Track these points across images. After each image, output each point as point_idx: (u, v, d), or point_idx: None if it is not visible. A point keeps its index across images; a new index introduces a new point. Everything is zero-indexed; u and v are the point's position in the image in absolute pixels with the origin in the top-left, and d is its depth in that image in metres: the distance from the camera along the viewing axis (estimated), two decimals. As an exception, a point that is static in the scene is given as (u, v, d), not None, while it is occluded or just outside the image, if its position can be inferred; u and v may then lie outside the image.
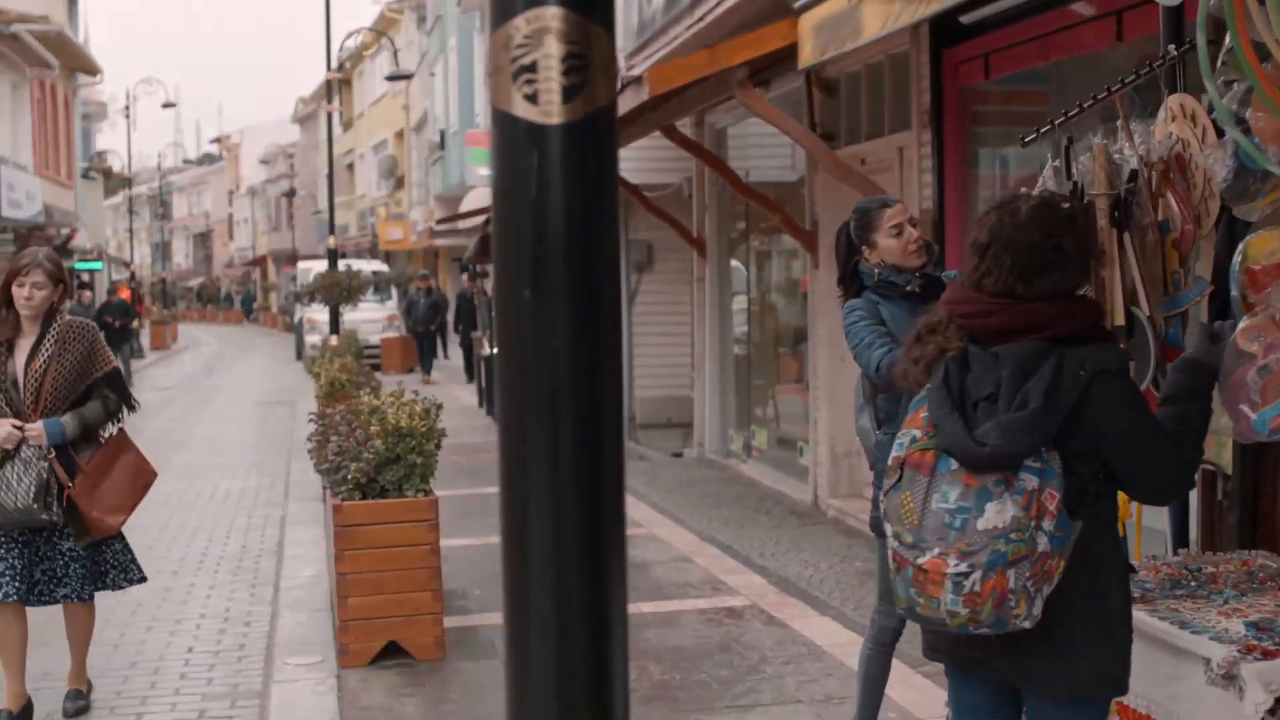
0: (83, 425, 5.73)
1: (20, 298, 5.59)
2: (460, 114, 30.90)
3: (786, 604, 7.54)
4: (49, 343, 5.63)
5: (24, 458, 5.53)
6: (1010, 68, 7.63)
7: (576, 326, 1.90)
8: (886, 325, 4.61)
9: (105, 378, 5.83)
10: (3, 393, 5.62)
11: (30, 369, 5.62)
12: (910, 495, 3.07)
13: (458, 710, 5.85)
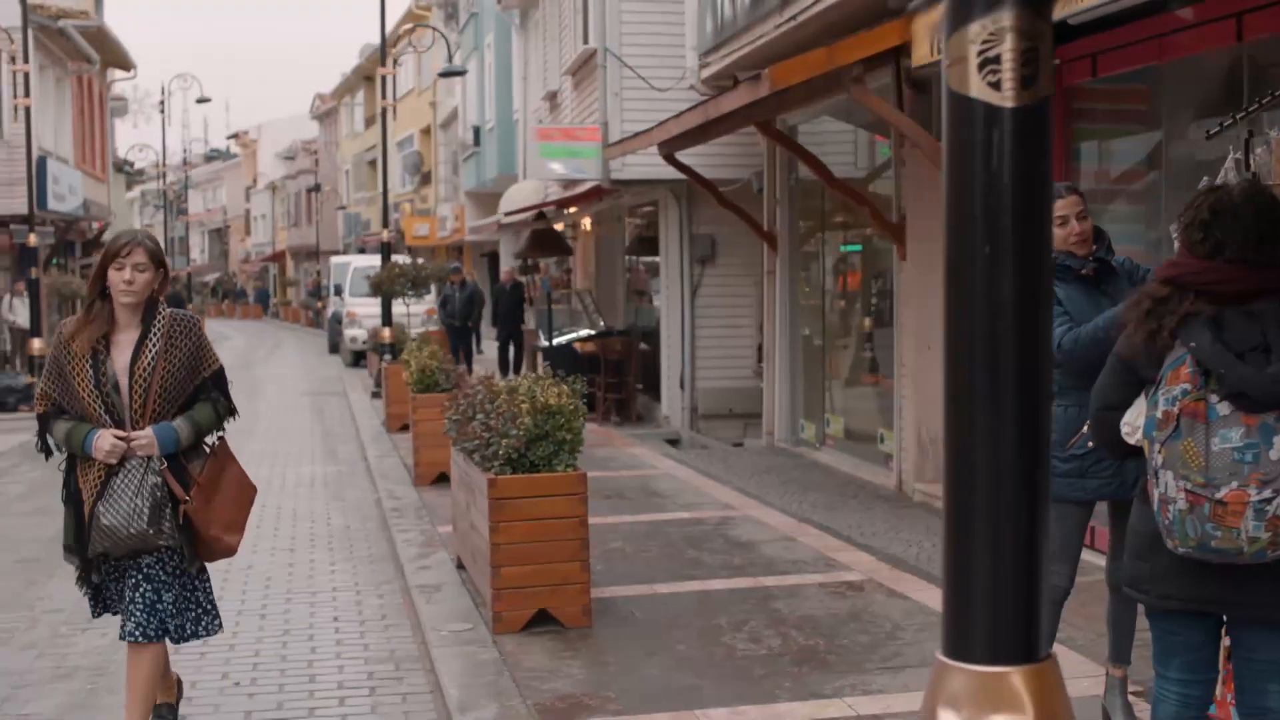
0: (196, 432, 5.06)
1: (119, 282, 4.89)
2: (498, 111, 31.18)
3: (901, 579, 7.87)
4: (155, 337, 4.95)
5: (131, 472, 4.87)
6: (1119, 67, 7.95)
7: (1022, 280, 2.24)
8: (1063, 305, 4.92)
9: (213, 378, 5.15)
10: (103, 398, 4.90)
11: (136, 369, 4.91)
12: (1191, 442, 3.41)
13: (617, 673, 6.17)
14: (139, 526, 4.86)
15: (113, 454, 4.84)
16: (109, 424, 4.89)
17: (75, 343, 4.96)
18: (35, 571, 9.09)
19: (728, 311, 16.30)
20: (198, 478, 5.03)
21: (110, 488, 4.87)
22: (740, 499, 10.82)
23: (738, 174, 14.91)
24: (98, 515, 4.86)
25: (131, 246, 4.93)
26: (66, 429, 4.92)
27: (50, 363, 5.01)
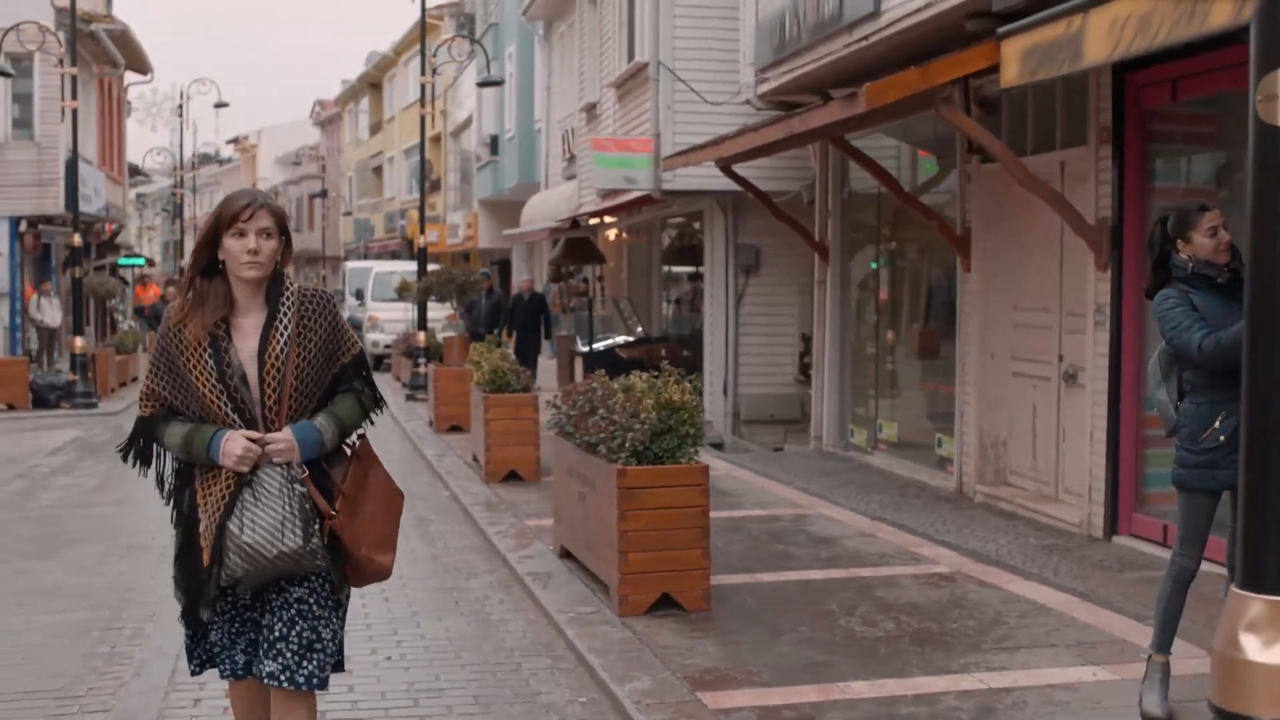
0: (340, 431, 4.17)
1: (241, 253, 3.99)
2: (519, 120, 31.63)
3: (988, 571, 8.33)
4: (285, 318, 4.08)
5: (267, 482, 4.02)
6: (1200, 91, 8.44)
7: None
8: (1200, 311, 5.39)
9: (353, 364, 4.25)
10: (228, 393, 4.03)
11: (267, 357, 4.05)
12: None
13: (751, 651, 6.61)
14: (292, 543, 3.96)
15: (245, 460, 3.98)
16: (237, 424, 4.03)
17: (188, 329, 4.04)
18: (146, 556, 9.49)
19: (771, 320, 16.76)
20: (342, 486, 4.13)
21: (244, 501, 3.99)
22: (806, 498, 11.28)
23: (786, 186, 15.38)
24: (232, 532, 3.96)
25: (254, 209, 4.01)
26: (184, 432, 4.04)
27: (157, 356, 4.13)
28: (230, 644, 4.19)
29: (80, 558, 9.55)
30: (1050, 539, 9.30)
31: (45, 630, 7.47)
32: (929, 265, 12.87)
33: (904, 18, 10.47)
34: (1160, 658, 5.57)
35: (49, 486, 13.21)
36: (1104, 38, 7.29)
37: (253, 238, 3.99)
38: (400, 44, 52.17)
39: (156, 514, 11.02)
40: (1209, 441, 5.35)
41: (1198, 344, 5.27)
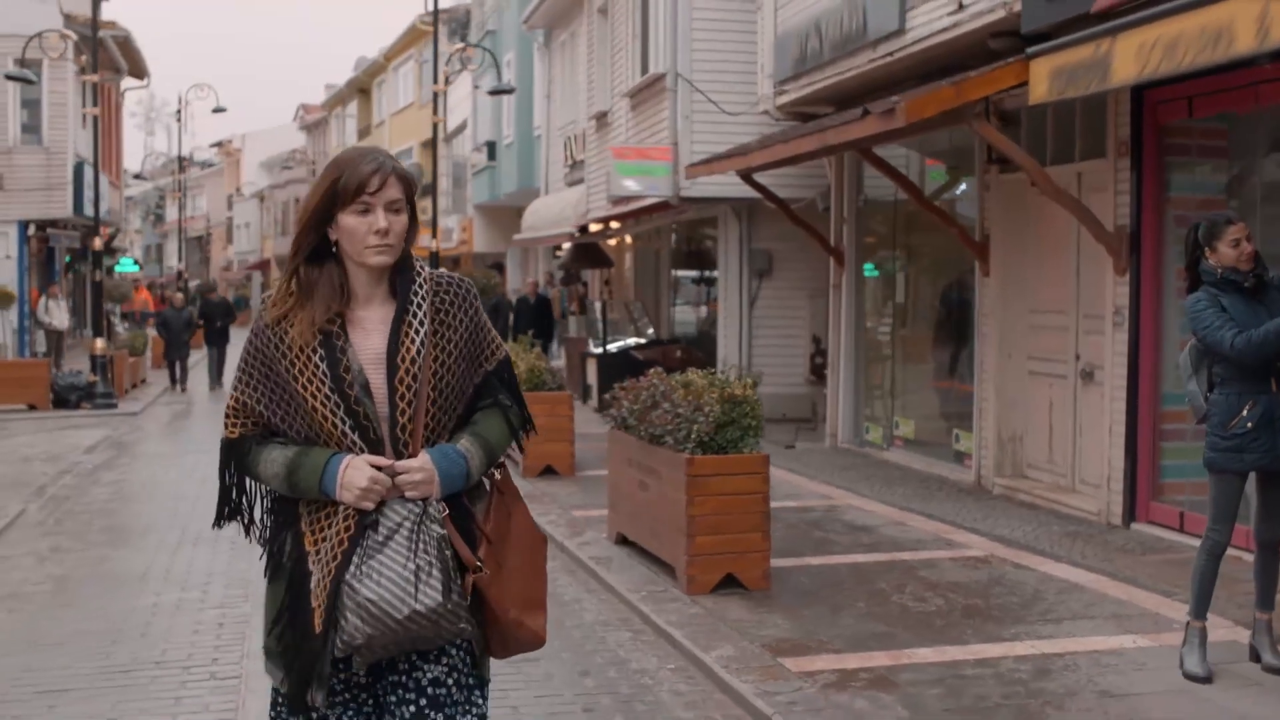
0: (488, 458, 3.24)
1: (367, 233, 3.11)
2: (518, 126, 32.18)
3: (1020, 555, 8.95)
4: (418, 312, 3.18)
5: (397, 523, 3.07)
6: (1215, 109, 9.08)
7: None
8: (1228, 312, 6.01)
9: (498, 372, 3.35)
10: (346, 406, 3.11)
11: (400, 360, 3.13)
12: None
13: (818, 624, 7.20)
14: (429, 600, 3.02)
15: (370, 494, 3.06)
16: (358, 447, 3.11)
17: (293, 327, 3.15)
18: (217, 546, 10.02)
19: (783, 322, 17.37)
20: (486, 529, 3.20)
21: (367, 546, 3.05)
22: (834, 491, 11.88)
23: (800, 193, 15.98)
24: (351, 586, 3.02)
25: (383, 175, 3.09)
26: (287, 458, 3.13)
27: (248, 360, 3.23)
28: None
29: (153, 546, 10.07)
30: (1072, 526, 9.92)
31: (149, 609, 8.02)
32: (943, 269, 13.49)
33: (930, 36, 11.11)
34: (1198, 624, 6.18)
35: (98, 482, 13.72)
36: (1131, 60, 7.93)
37: (381, 214, 3.07)
38: (390, 50, 52.66)
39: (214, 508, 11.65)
40: (1238, 428, 5.97)
41: (1229, 341, 5.90)
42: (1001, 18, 9.94)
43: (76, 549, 10.01)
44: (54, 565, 9.40)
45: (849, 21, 12.55)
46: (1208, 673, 6.04)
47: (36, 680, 6.53)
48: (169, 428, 19.89)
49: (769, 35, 14.93)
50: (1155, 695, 5.88)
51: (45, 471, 14.15)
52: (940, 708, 5.73)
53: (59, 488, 13.14)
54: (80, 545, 10.16)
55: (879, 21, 11.91)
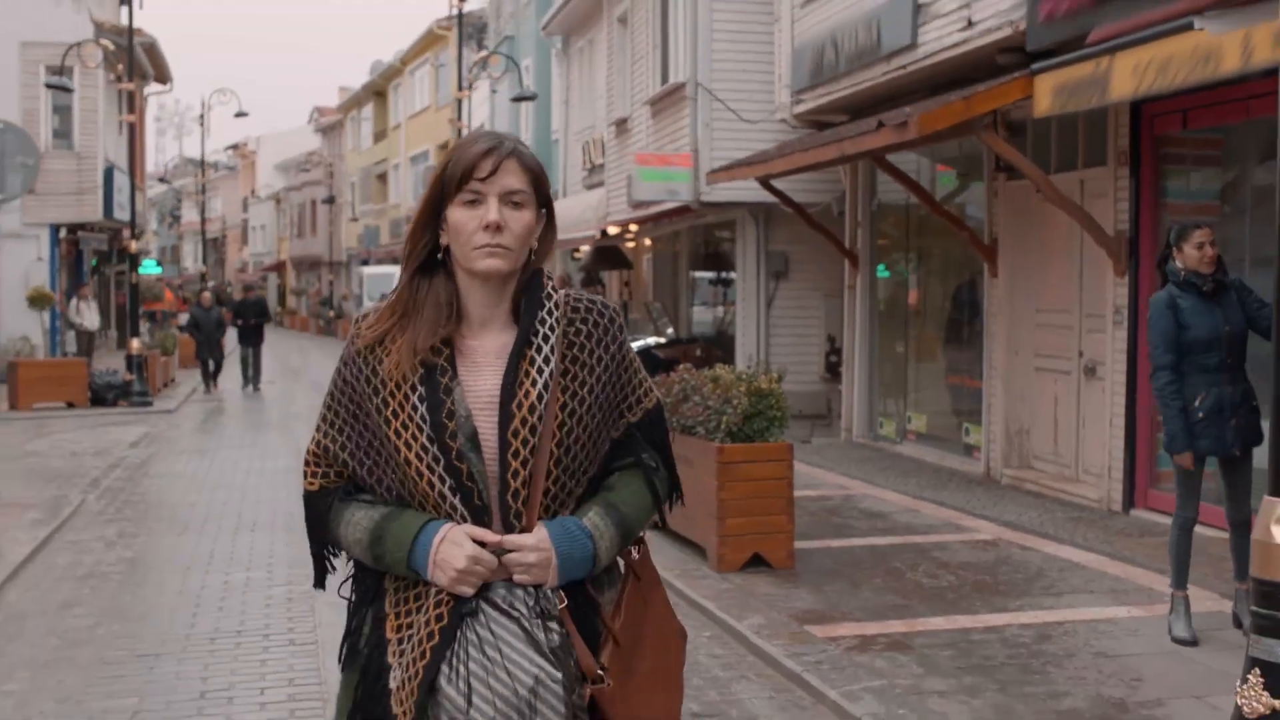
0: (624, 537, 2.57)
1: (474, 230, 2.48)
2: (535, 131, 32.84)
3: (1025, 538, 9.59)
4: (544, 345, 2.52)
5: (505, 615, 2.43)
6: (1208, 121, 9.72)
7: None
8: (1182, 314, 6.63)
9: (646, 425, 2.68)
10: (447, 462, 2.46)
11: (514, 408, 2.47)
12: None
13: (839, 598, 7.86)
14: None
15: (470, 576, 2.44)
16: (459, 514, 2.48)
17: (389, 356, 2.53)
18: (273, 532, 10.69)
19: (798, 322, 18.01)
20: (613, 627, 2.56)
21: (465, 644, 2.43)
22: (850, 481, 12.54)
23: (816, 198, 16.62)
24: (448, 698, 2.40)
25: (497, 157, 2.49)
26: (372, 522, 2.54)
27: (334, 395, 2.65)
28: None
29: (213, 532, 10.73)
30: (1075, 513, 10.56)
31: (221, 586, 8.69)
32: (953, 271, 14.13)
33: (940, 51, 11.77)
34: (1180, 593, 6.84)
35: (148, 475, 14.40)
36: (1128, 78, 8.58)
37: (494, 205, 2.46)
38: (407, 53, 53.31)
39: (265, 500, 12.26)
40: (1190, 416, 6.61)
41: (1156, 371, 6.62)
42: (1008, 35, 10.59)
43: (141, 535, 10.68)
44: (123, 549, 10.07)
45: (864, 35, 13.20)
46: (1193, 636, 6.69)
47: (132, 645, 7.21)
48: (205, 425, 20.56)
49: (786, 47, 15.58)
50: (1145, 656, 6.52)
51: (96, 465, 14.81)
52: (951, 665, 6.38)
53: (112, 480, 13.81)
54: (143, 532, 10.83)
55: (892, 36, 12.56)
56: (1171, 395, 6.60)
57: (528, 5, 33.39)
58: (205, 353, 26.47)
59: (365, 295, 38.12)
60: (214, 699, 6.25)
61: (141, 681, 6.54)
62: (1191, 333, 6.58)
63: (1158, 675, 6.22)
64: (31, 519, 10.86)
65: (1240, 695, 4.03)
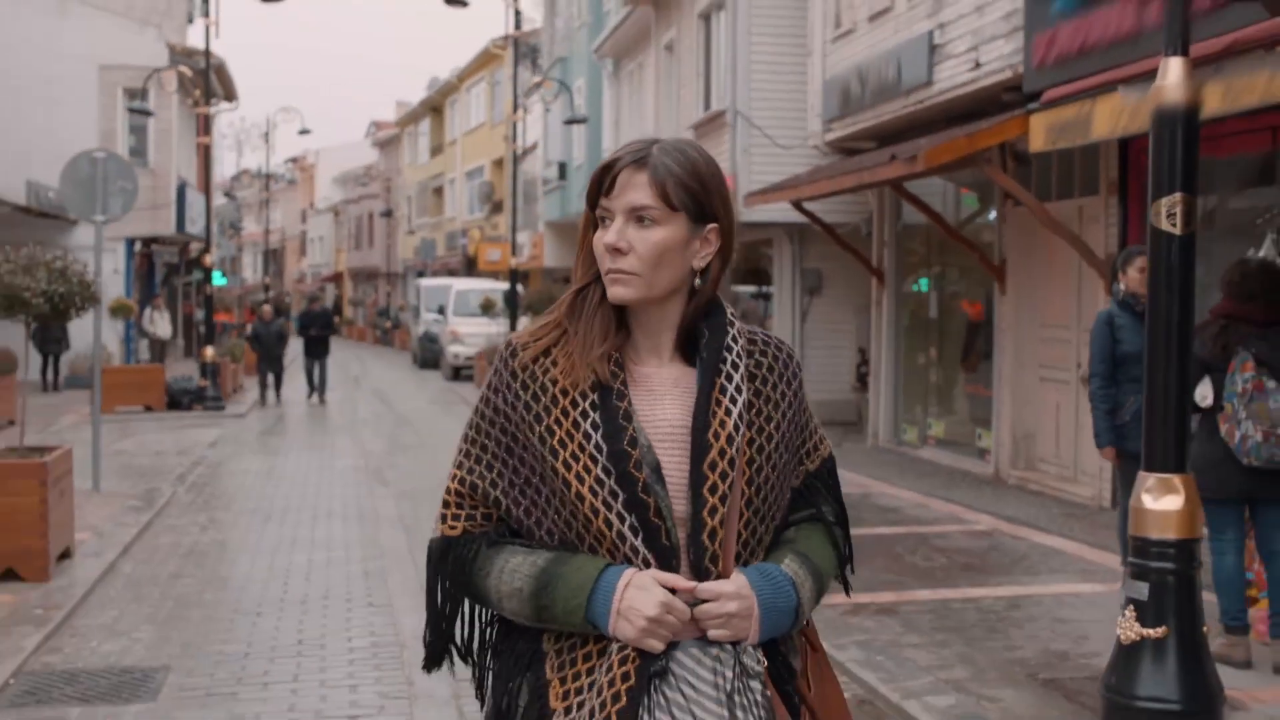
0: (820, 595, 2.35)
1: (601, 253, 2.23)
2: (588, 149, 34.12)
3: (1018, 530, 10.71)
4: (734, 375, 2.24)
5: (698, 678, 2.14)
6: (1185, 156, 10.80)
7: (1183, 308, 5.07)
8: (1118, 331, 7.67)
9: (823, 474, 2.46)
10: (627, 497, 2.14)
11: (710, 438, 2.19)
12: (1263, 404, 6.24)
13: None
14: None
15: (658, 629, 2.11)
16: (641, 557, 2.14)
17: (555, 366, 2.24)
18: (345, 522, 11.96)
19: (831, 335, 19.17)
20: (808, 696, 2.33)
21: (653, 706, 2.11)
22: (870, 482, 13.68)
23: (846, 219, 17.78)
24: None
25: (620, 169, 2.21)
26: (537, 570, 2.17)
27: (480, 426, 2.30)
28: None
29: (293, 521, 12.01)
30: (1069, 509, 11.67)
31: (305, 563, 9.96)
32: (970, 288, 15.25)
33: (953, 88, 12.91)
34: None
35: (228, 471, 15.75)
36: (1106, 121, 9.71)
37: (614, 225, 2.20)
38: (464, 71, 54.67)
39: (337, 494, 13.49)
40: (1120, 419, 7.64)
41: (1091, 378, 7.67)
42: (1009, 77, 11.73)
43: (228, 522, 11.97)
44: (215, 533, 11.37)
45: (886, 72, 14.36)
46: (1139, 607, 7.80)
47: (235, 606, 8.50)
48: (275, 429, 21.91)
49: (818, 79, 16.76)
50: (1096, 622, 7.63)
51: (180, 462, 16.15)
52: (928, 626, 7.55)
53: (196, 476, 15.14)
54: (231, 519, 12.13)
55: (911, 74, 13.72)
56: (1100, 399, 7.66)
57: (581, 28, 34.66)
58: (266, 366, 26.31)
59: (422, 306, 39.39)
60: (310, 646, 7.50)
61: (247, 633, 7.81)
62: (1124, 347, 7.61)
63: (1102, 635, 7.32)
64: (131, 507, 12.17)
65: (1119, 626, 5.19)
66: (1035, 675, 6.60)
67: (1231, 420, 6.44)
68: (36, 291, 9.10)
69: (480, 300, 32.28)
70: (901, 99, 14.10)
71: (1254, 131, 9.82)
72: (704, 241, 2.23)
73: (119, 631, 7.82)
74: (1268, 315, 6.46)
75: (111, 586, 9.02)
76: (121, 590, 8.97)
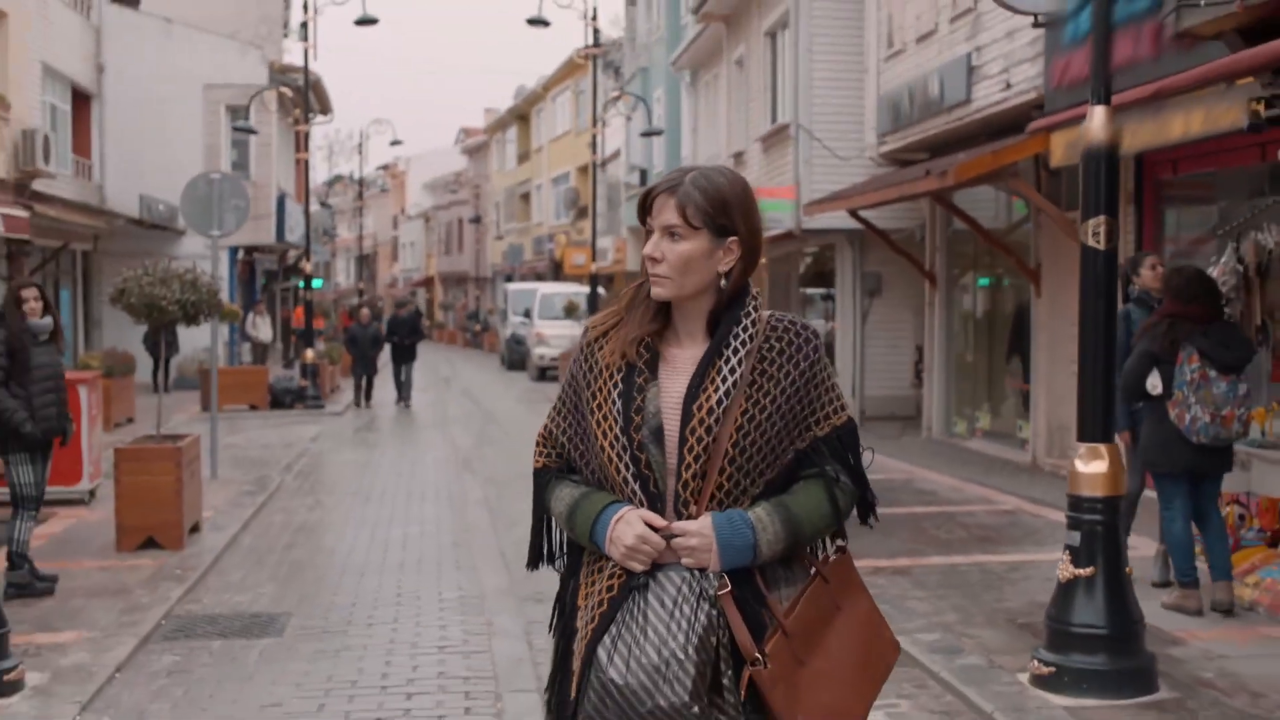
0: (792, 533, 2.78)
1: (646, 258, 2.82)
2: (667, 157, 35.39)
3: (1041, 510, 11.85)
4: (734, 356, 2.79)
5: (667, 591, 2.74)
6: (1193, 169, 11.89)
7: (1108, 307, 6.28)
8: (1132, 327, 8.78)
9: (833, 439, 2.89)
10: (631, 451, 2.78)
11: (694, 408, 2.76)
12: (1209, 391, 7.39)
13: (870, 544, 10.19)
14: (672, 697, 2.66)
15: (636, 554, 2.74)
16: (638, 499, 2.79)
17: (608, 344, 2.89)
18: (437, 503, 13.34)
19: (890, 335, 20.29)
20: (784, 619, 2.77)
21: (627, 615, 2.75)
22: (916, 469, 14.84)
23: (902, 225, 18.91)
24: (600, 662, 2.74)
25: (654, 195, 2.84)
26: (573, 499, 2.90)
27: (565, 385, 3.02)
28: None
29: (390, 502, 13.42)
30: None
31: (402, 535, 11.34)
32: (1011, 291, 16.35)
33: (988, 106, 14.05)
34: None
35: (329, 462, 17.25)
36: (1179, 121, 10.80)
37: (653, 239, 2.81)
38: (549, 80, 56.10)
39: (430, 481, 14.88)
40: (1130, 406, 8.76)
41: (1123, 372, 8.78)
42: (1034, 97, 12.86)
43: (332, 503, 13.42)
44: (321, 512, 12.80)
45: (931, 90, 15.51)
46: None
47: (343, 567, 9.91)
48: (370, 425, 23.42)
49: (872, 95, 17.93)
50: (1083, 581, 8.78)
51: (286, 454, 17.67)
52: (934, 583, 8.76)
53: (301, 465, 16.64)
54: (334, 501, 13.57)
55: (952, 93, 14.86)
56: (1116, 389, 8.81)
57: (659, 41, 35.96)
58: (360, 369, 26.61)
59: (510, 310, 40.89)
60: (406, 598, 8.88)
61: (353, 588, 9.20)
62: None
63: (1084, 591, 8.49)
64: (246, 491, 13.65)
65: (1058, 568, 6.39)
66: (1014, 620, 7.79)
67: (1182, 405, 7.58)
68: (171, 300, 10.56)
69: (564, 303, 33.66)
70: (945, 115, 15.24)
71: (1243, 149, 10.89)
72: (726, 251, 2.80)
73: (245, 588, 9.24)
74: (1206, 314, 7.61)
75: (235, 554, 10.47)
76: (244, 556, 10.40)
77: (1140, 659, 6.30)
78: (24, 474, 8.59)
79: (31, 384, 8.55)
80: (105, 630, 7.72)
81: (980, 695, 6.32)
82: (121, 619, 7.99)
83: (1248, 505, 9.10)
